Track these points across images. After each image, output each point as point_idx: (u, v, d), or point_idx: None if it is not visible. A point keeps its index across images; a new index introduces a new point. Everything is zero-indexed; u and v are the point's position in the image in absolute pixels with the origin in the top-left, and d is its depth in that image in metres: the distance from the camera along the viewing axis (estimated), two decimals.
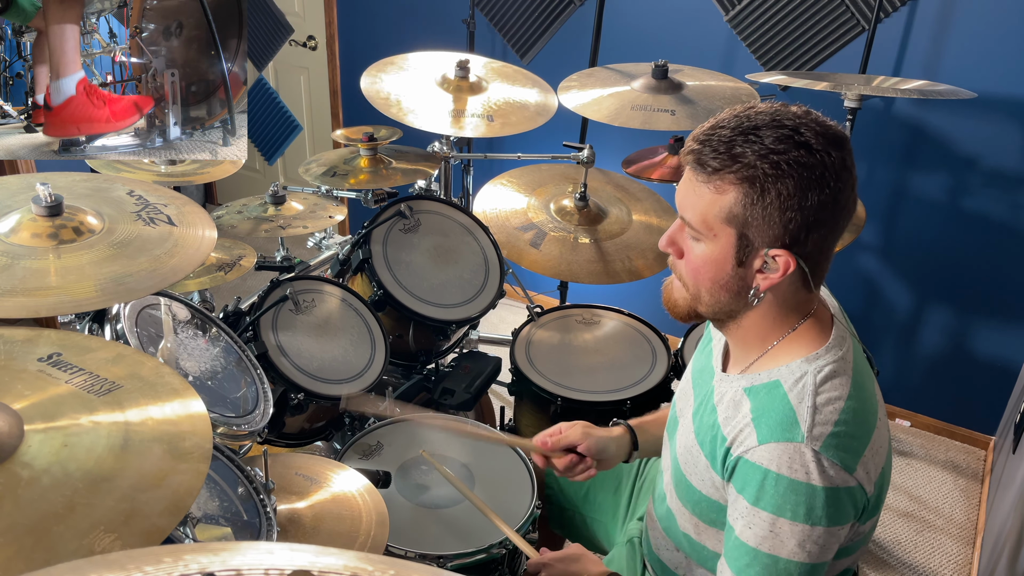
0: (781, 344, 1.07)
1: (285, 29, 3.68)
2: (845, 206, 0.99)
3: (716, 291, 1.05)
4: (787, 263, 0.99)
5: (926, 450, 2.89)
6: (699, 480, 1.13)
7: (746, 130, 0.97)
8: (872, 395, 1.05)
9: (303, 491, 1.37)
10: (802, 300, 1.06)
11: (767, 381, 1.05)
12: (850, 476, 0.97)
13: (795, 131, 0.96)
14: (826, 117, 1.00)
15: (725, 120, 1.00)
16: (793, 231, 0.97)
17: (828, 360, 1.03)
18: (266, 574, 0.40)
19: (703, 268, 1.05)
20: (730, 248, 1.01)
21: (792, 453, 0.97)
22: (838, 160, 0.96)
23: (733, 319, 1.09)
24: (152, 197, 1.28)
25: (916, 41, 2.52)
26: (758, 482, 0.99)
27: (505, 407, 2.10)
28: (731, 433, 1.05)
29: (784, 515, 0.97)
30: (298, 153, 4.01)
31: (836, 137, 0.97)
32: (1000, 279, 2.66)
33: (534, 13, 3.10)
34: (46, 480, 0.75)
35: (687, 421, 1.19)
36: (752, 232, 0.98)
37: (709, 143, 0.99)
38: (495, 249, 2.12)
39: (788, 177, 0.94)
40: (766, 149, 0.95)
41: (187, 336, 1.42)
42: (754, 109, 1.00)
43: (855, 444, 0.98)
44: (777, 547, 0.98)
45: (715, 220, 1.00)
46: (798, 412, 0.99)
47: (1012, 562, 1.84)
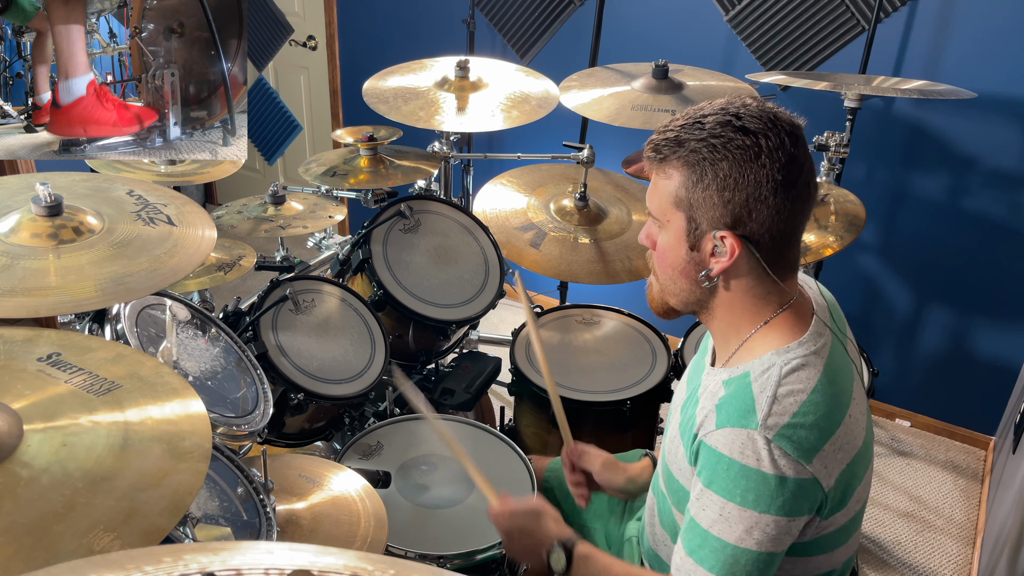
0: (756, 336, 1.09)
1: (285, 29, 3.68)
2: (790, 188, 1.00)
3: (677, 278, 1.10)
4: (733, 245, 1.03)
5: (926, 450, 2.89)
6: (678, 470, 1.15)
7: (695, 120, 1.03)
8: (844, 392, 1.06)
9: (302, 492, 1.37)
10: (771, 290, 1.08)
11: (740, 373, 1.07)
12: (803, 468, 0.98)
13: (736, 116, 1.01)
14: (782, 108, 1.03)
15: (683, 114, 1.06)
16: (734, 211, 1.01)
17: (798, 353, 1.04)
18: (266, 574, 0.40)
19: (664, 255, 1.10)
20: (681, 232, 1.06)
21: (744, 439, 0.99)
22: (775, 142, 0.99)
23: (705, 310, 1.13)
24: (152, 197, 1.28)
25: (916, 41, 2.52)
26: (712, 465, 1.02)
27: (505, 407, 2.10)
28: (699, 419, 1.08)
29: (734, 500, 0.99)
30: (298, 153, 4.01)
31: (778, 122, 1.01)
32: (1000, 279, 2.66)
33: (534, 13, 3.10)
34: (45, 480, 0.75)
35: (676, 414, 1.22)
36: (698, 214, 1.04)
37: (663, 134, 1.05)
38: (495, 249, 2.12)
39: (723, 159, 1.00)
40: (706, 133, 1.01)
41: (187, 336, 1.42)
42: (710, 103, 1.05)
43: (812, 437, 0.99)
44: (725, 532, 1.00)
45: (667, 205, 1.06)
46: (757, 401, 1.01)
47: (1012, 562, 1.84)
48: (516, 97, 2.30)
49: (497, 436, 1.71)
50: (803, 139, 1.02)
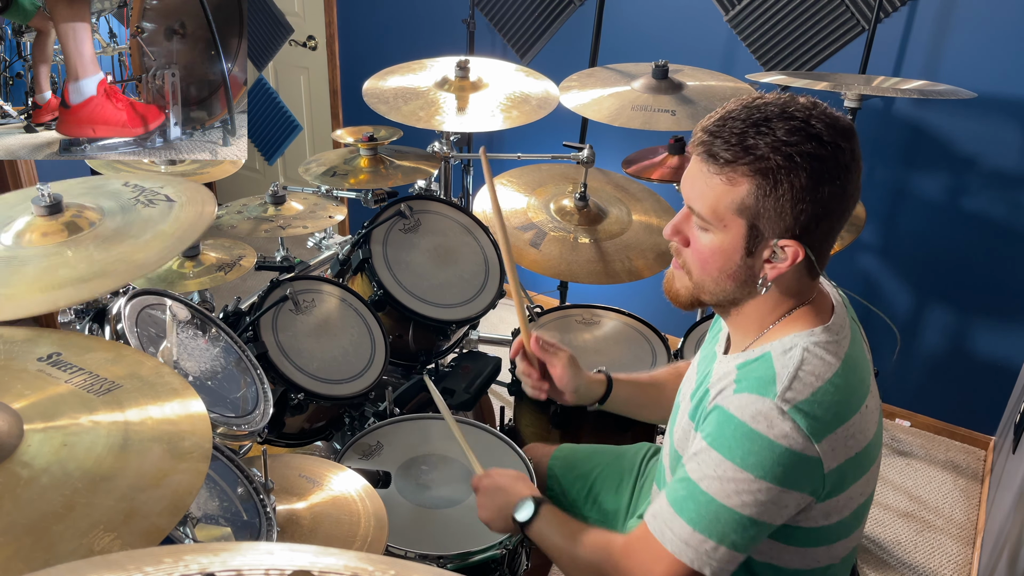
0: (777, 326, 1.08)
1: (285, 29, 3.68)
2: (853, 195, 1.01)
3: (723, 280, 1.07)
4: (796, 253, 1.00)
5: (926, 450, 2.89)
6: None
7: (757, 121, 0.97)
8: (863, 383, 1.06)
9: (302, 492, 1.37)
10: (804, 287, 1.08)
11: (759, 355, 1.06)
12: (812, 445, 0.97)
13: (806, 123, 0.96)
14: (833, 108, 1.01)
15: (736, 111, 1.00)
16: (804, 222, 0.98)
17: (822, 339, 1.04)
18: (266, 574, 0.40)
19: (711, 258, 1.05)
20: (740, 239, 1.02)
21: (760, 406, 0.98)
22: (848, 151, 0.97)
23: (736, 306, 1.11)
24: (147, 183, 1.28)
25: (916, 41, 2.52)
26: (719, 424, 1.01)
27: (505, 407, 2.09)
28: (714, 392, 1.07)
29: (733, 460, 0.98)
30: (298, 153, 4.01)
31: (845, 128, 0.99)
32: (1000, 279, 2.66)
33: (534, 13, 3.10)
34: (45, 479, 0.75)
35: (685, 402, 1.21)
36: (763, 223, 1.00)
37: (720, 134, 0.99)
38: (495, 249, 2.12)
39: (801, 169, 0.95)
40: (779, 141, 0.96)
41: (187, 336, 1.41)
42: (763, 100, 1.01)
43: (827, 418, 0.99)
44: (714, 488, 0.99)
45: (726, 211, 1.01)
46: (779, 375, 1.00)
47: (1012, 562, 1.84)
48: (516, 97, 2.30)
49: (497, 436, 1.71)
50: (859, 141, 1.00)
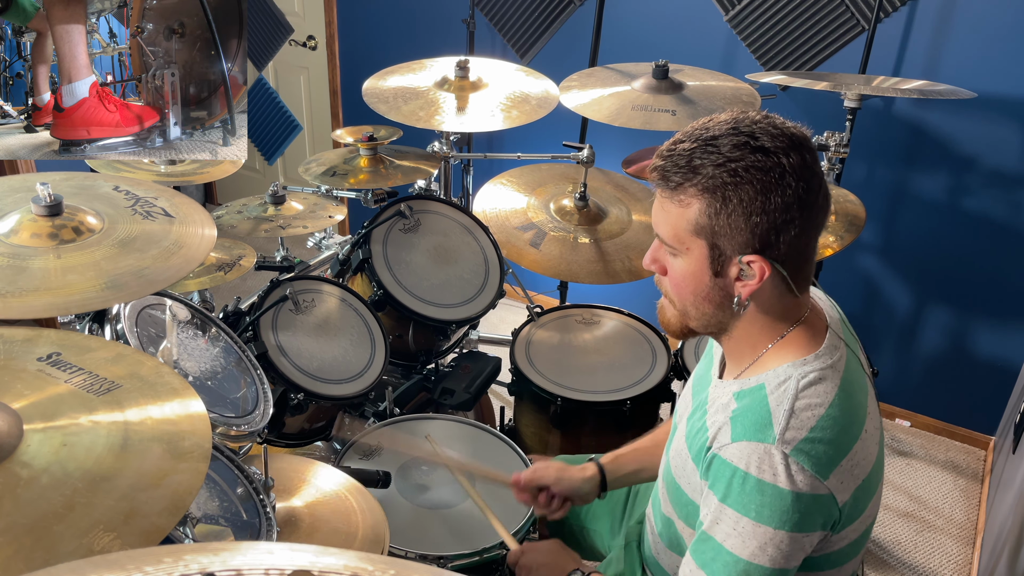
0: (771, 350, 1.07)
1: (285, 29, 3.68)
2: (813, 205, 0.99)
3: (700, 304, 1.06)
4: (762, 268, 0.99)
5: (926, 450, 2.89)
6: (687, 483, 1.13)
7: (705, 141, 0.99)
8: (860, 406, 1.04)
9: (302, 492, 1.37)
10: (789, 305, 1.06)
11: (754, 385, 1.05)
12: (821, 483, 0.96)
13: (751, 136, 0.97)
14: (785, 120, 1.01)
15: (687, 134, 1.02)
16: (762, 235, 0.98)
17: (815, 367, 1.02)
18: (266, 574, 0.40)
19: (684, 282, 1.06)
20: (704, 259, 1.02)
21: (761, 454, 0.97)
22: (796, 160, 0.96)
23: (724, 331, 1.10)
24: (140, 191, 1.27)
25: (916, 41, 2.52)
26: (727, 479, 0.99)
27: (505, 407, 2.10)
28: (712, 431, 1.06)
29: (748, 515, 0.97)
30: (298, 153, 4.01)
31: (793, 138, 0.98)
32: (1000, 279, 2.66)
33: (534, 13, 3.10)
34: (45, 479, 0.75)
35: (682, 425, 1.20)
36: (722, 241, 1.00)
37: (671, 158, 1.01)
38: (495, 249, 2.12)
39: (747, 183, 0.96)
40: (723, 158, 0.97)
41: (187, 336, 1.41)
42: (714, 120, 1.01)
43: (830, 452, 0.97)
44: (739, 547, 0.98)
45: (685, 233, 1.02)
46: (774, 414, 0.99)
47: (1012, 562, 1.84)
48: (516, 97, 2.30)
49: (497, 436, 1.71)
50: (815, 151, 1.00)
